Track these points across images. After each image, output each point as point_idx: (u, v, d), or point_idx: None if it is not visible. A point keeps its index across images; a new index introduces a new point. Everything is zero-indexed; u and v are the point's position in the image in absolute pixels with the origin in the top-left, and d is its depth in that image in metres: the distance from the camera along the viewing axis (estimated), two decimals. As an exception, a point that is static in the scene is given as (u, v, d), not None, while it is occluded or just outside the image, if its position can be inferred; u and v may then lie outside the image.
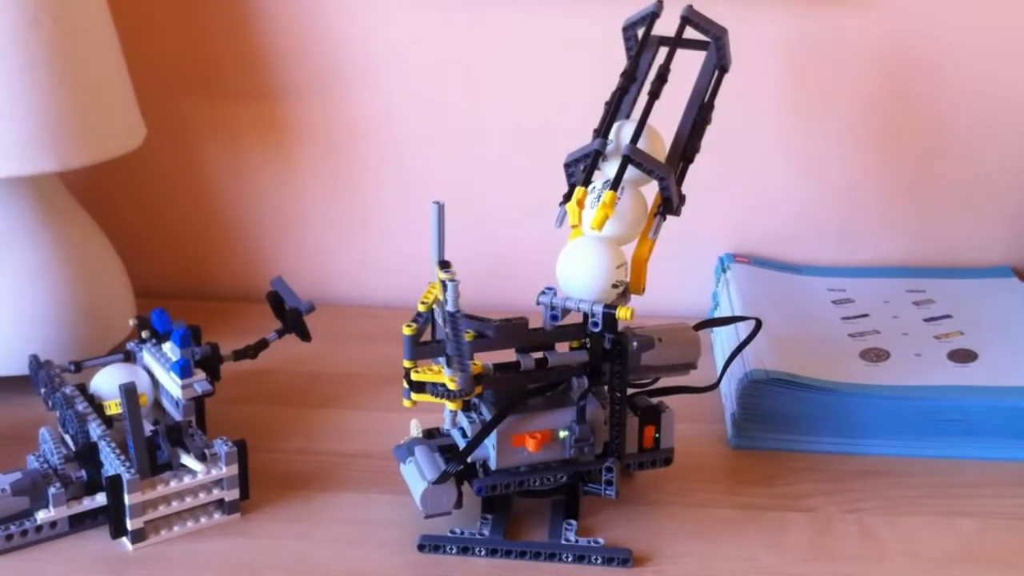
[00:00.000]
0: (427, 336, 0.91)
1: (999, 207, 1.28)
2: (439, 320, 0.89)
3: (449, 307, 0.83)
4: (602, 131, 0.93)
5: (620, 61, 0.98)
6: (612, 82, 0.96)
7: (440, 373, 0.87)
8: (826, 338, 1.13)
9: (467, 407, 0.91)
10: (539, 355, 0.91)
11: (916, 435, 1.03)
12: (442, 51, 1.25)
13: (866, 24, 1.21)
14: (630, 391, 0.93)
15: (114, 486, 0.88)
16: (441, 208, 0.91)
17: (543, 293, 0.91)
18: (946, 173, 1.27)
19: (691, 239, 1.27)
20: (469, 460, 0.89)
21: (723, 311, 1.21)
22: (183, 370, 0.97)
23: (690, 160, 0.95)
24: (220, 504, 0.93)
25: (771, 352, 1.07)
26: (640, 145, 0.90)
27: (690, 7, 0.97)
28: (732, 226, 1.30)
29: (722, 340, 1.16)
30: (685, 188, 0.94)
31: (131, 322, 1.04)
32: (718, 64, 0.97)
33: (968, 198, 1.27)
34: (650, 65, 0.97)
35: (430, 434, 0.95)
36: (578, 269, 0.88)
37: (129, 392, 0.89)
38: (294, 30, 1.24)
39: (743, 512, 0.96)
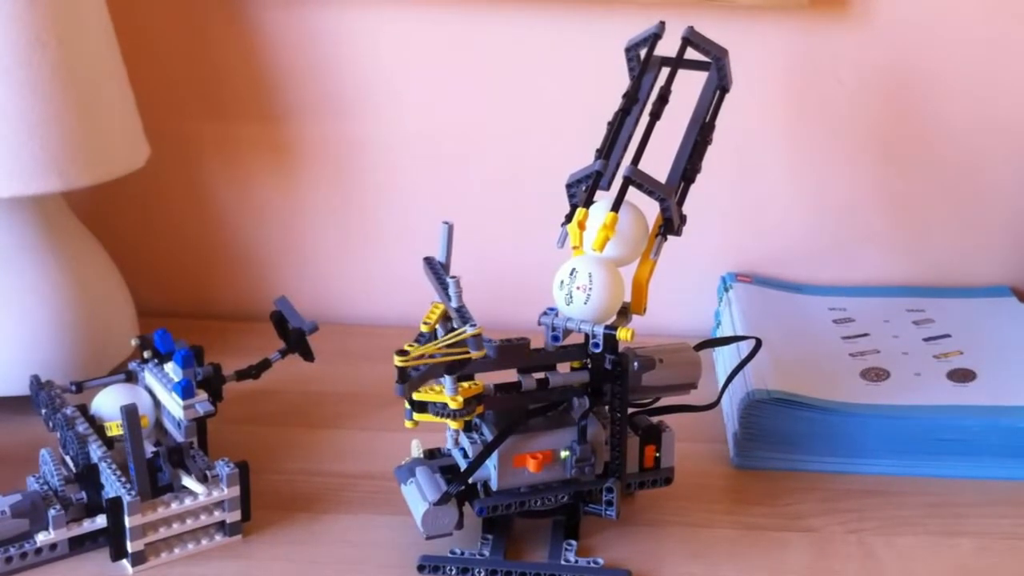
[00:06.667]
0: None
1: (998, 227, 1.28)
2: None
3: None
4: (604, 152, 0.94)
5: (622, 82, 0.98)
6: (614, 103, 0.96)
7: (441, 393, 0.87)
8: (827, 357, 1.14)
9: (468, 427, 0.91)
10: (540, 375, 0.91)
11: (916, 454, 1.03)
12: (444, 74, 1.25)
13: (864, 44, 1.22)
14: (631, 411, 0.93)
15: (114, 508, 0.88)
16: (450, 228, 0.92)
17: (544, 314, 0.91)
18: (946, 193, 1.27)
19: (693, 258, 1.27)
20: (470, 480, 0.90)
21: (725, 330, 1.21)
22: (185, 390, 0.97)
23: (691, 180, 0.95)
24: (221, 526, 0.93)
25: (773, 371, 1.07)
26: (623, 226, 0.90)
27: (691, 28, 0.98)
28: (734, 245, 1.30)
29: (724, 359, 1.16)
30: (687, 208, 0.94)
31: (133, 342, 1.04)
32: (719, 85, 0.98)
33: (967, 218, 1.28)
34: (652, 86, 0.97)
35: (431, 454, 0.95)
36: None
37: (130, 413, 0.89)
38: (298, 51, 1.24)
39: (744, 532, 0.96)
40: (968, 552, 0.94)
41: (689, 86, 0.97)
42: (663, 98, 0.94)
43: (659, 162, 0.94)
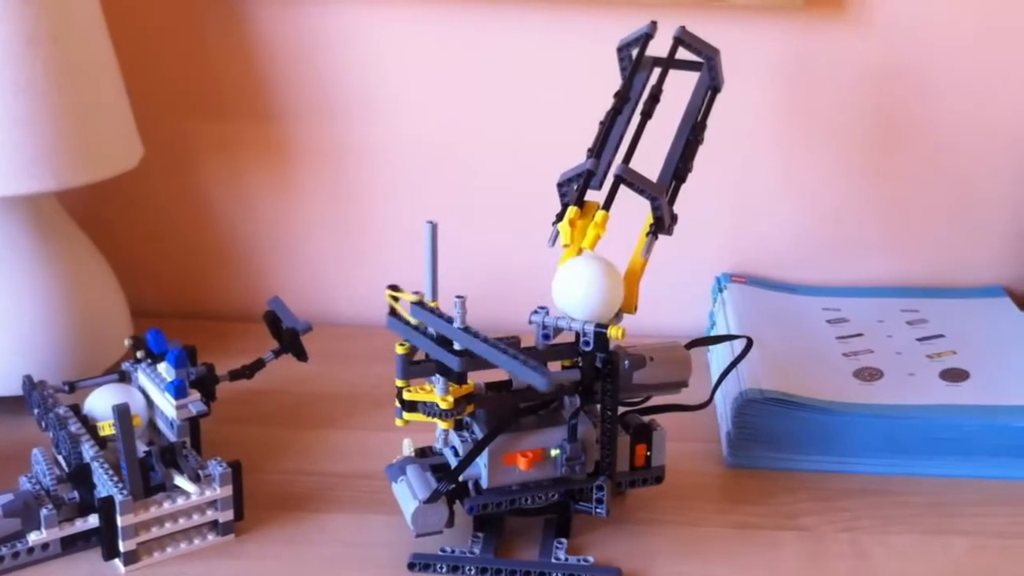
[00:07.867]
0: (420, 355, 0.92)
1: (991, 228, 1.28)
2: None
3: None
4: (595, 151, 0.94)
5: (614, 81, 0.99)
6: (606, 102, 0.96)
7: (432, 392, 0.88)
8: (821, 357, 1.14)
9: (459, 426, 0.91)
10: (531, 374, 0.91)
11: (909, 454, 1.03)
12: (440, 75, 1.25)
13: (860, 45, 1.22)
14: (623, 409, 0.93)
15: (107, 508, 0.88)
16: (434, 228, 0.91)
17: (535, 312, 0.91)
18: (940, 194, 1.27)
19: (688, 259, 1.27)
20: (461, 479, 0.90)
21: (720, 330, 1.21)
22: (178, 391, 0.97)
23: (682, 179, 0.95)
24: (214, 525, 0.93)
25: (766, 371, 1.07)
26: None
27: (682, 28, 0.98)
28: (729, 246, 1.30)
29: (718, 359, 1.16)
30: (682, 207, 0.94)
31: (126, 342, 1.04)
32: (710, 84, 0.98)
33: (961, 219, 1.28)
34: (644, 86, 0.98)
35: (422, 453, 0.96)
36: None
37: (122, 413, 0.89)
38: (294, 51, 1.25)
39: (736, 531, 0.96)
40: (961, 551, 0.94)
41: (681, 85, 0.97)
42: (655, 97, 0.94)
43: (651, 161, 0.94)
